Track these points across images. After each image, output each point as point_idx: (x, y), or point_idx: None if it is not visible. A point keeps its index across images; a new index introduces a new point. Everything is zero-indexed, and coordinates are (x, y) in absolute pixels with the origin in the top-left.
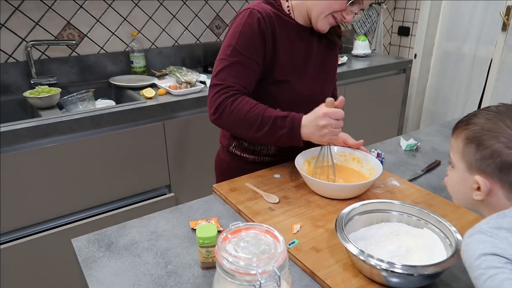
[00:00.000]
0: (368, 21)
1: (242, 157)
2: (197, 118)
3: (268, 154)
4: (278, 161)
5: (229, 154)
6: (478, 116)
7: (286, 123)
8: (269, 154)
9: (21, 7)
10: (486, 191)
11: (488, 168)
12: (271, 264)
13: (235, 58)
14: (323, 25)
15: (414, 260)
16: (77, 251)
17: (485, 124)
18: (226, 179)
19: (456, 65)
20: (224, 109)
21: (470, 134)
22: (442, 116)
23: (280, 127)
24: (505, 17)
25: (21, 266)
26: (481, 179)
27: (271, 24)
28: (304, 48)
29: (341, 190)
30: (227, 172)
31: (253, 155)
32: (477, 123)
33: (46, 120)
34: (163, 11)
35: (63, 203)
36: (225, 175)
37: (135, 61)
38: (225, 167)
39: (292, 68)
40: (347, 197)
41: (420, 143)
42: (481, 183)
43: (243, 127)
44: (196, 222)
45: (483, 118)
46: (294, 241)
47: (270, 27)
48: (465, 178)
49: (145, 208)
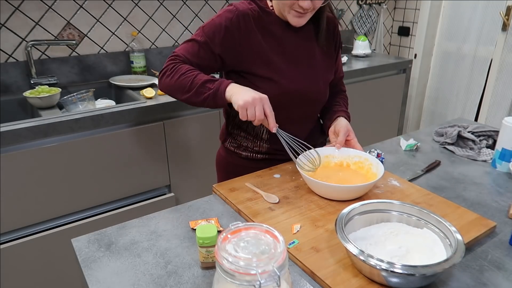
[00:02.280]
0: (368, 21)
1: (236, 153)
2: (197, 118)
3: (260, 152)
4: (270, 159)
5: (226, 150)
6: None
7: (215, 84)
8: (261, 152)
9: (21, 7)
10: None
11: None
12: (271, 264)
13: (197, 37)
14: (293, 20)
15: (414, 260)
16: (77, 251)
17: None
18: (224, 174)
19: (456, 65)
20: (165, 72)
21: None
22: (442, 116)
23: (207, 88)
24: (505, 17)
25: (21, 266)
26: None
27: (248, 24)
28: (291, 45)
29: (341, 191)
30: (225, 168)
31: (245, 152)
32: None
33: (46, 120)
34: (163, 11)
35: (63, 203)
36: (224, 171)
37: (135, 61)
38: (223, 162)
39: (278, 65)
40: (348, 199)
41: (420, 143)
42: None
43: (176, 88)
44: (196, 222)
45: None
46: (294, 241)
47: (247, 26)
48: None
49: (145, 208)
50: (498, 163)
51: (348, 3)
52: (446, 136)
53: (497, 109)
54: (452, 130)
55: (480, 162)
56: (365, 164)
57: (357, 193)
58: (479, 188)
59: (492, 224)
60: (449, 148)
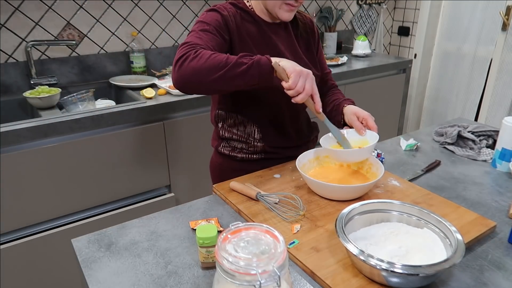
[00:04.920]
0: (368, 21)
1: (231, 156)
2: (197, 118)
3: (255, 152)
4: (267, 159)
5: (220, 155)
6: None
7: (253, 57)
8: (256, 151)
9: (21, 7)
10: None
11: None
12: (271, 264)
13: (202, 27)
14: (284, 15)
15: (414, 260)
16: (77, 251)
17: None
18: (220, 181)
19: (456, 65)
20: (188, 57)
21: None
22: (442, 116)
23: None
24: (505, 17)
25: (21, 266)
26: None
27: (235, 19)
28: (275, 41)
29: (341, 191)
30: (220, 174)
31: (241, 154)
32: None
33: (46, 120)
34: (163, 11)
35: (63, 203)
36: (219, 177)
37: (135, 61)
38: (217, 169)
39: None
40: (348, 199)
41: (420, 143)
42: None
43: (209, 67)
44: (196, 222)
45: None
46: (294, 241)
47: (235, 21)
48: None
49: (145, 208)
50: (498, 163)
51: (348, 3)
52: (446, 136)
53: (497, 109)
54: (452, 130)
55: (480, 162)
56: (365, 164)
57: (357, 193)
58: (479, 188)
59: (492, 224)
60: (449, 148)
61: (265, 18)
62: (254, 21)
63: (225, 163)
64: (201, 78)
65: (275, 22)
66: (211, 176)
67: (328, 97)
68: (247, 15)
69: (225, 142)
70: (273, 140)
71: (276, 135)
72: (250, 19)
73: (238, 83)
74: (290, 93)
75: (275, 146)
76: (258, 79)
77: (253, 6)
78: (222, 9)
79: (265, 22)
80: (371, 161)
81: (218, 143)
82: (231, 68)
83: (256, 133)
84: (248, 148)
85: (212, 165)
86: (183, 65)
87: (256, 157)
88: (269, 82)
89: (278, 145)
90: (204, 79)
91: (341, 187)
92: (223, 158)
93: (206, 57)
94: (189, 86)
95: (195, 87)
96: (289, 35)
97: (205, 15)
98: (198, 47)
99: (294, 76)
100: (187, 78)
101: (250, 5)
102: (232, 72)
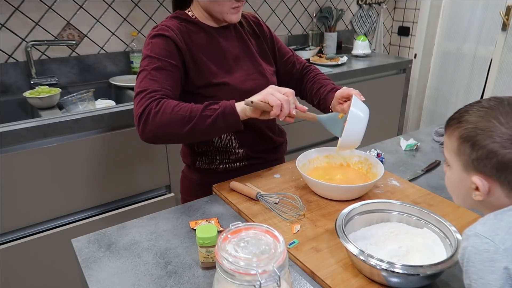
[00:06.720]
0: (368, 21)
1: (212, 169)
2: None
3: (238, 159)
4: (250, 165)
5: (197, 170)
6: (470, 113)
7: (219, 104)
8: (239, 159)
9: (21, 7)
10: (485, 191)
11: (485, 168)
12: (271, 264)
13: (153, 65)
14: (232, 17)
15: (414, 260)
16: (77, 251)
17: (478, 122)
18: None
19: (456, 65)
20: (150, 112)
21: (464, 133)
22: (442, 116)
23: (212, 109)
24: (505, 17)
25: (21, 266)
26: (478, 179)
27: (182, 35)
28: (227, 47)
29: (341, 191)
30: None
31: (222, 164)
32: (470, 121)
33: (46, 120)
34: (163, 11)
35: (63, 203)
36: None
37: (135, 61)
38: (194, 185)
39: (223, 69)
40: (348, 199)
41: (420, 143)
42: (478, 183)
43: (173, 123)
44: (196, 222)
45: (475, 116)
46: (294, 241)
47: (182, 38)
48: (462, 179)
49: (145, 208)
50: None
51: (348, 3)
52: None
53: None
54: None
55: None
56: (365, 164)
57: (357, 193)
58: None
59: None
60: None
61: (211, 23)
62: (201, 30)
63: (203, 178)
64: (168, 133)
65: (222, 25)
66: (182, 193)
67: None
68: (193, 25)
69: (203, 156)
70: (253, 145)
71: (255, 140)
72: (197, 29)
73: (206, 137)
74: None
75: (257, 151)
76: (226, 129)
77: (196, 15)
78: (165, 29)
79: (213, 28)
80: (371, 161)
81: (193, 158)
82: (196, 122)
83: (234, 141)
84: (229, 156)
85: (184, 182)
86: (147, 122)
87: (240, 164)
88: (238, 128)
89: (259, 149)
90: (172, 134)
91: (341, 187)
92: (201, 173)
93: (169, 111)
94: (159, 140)
95: (166, 140)
96: (240, 35)
97: (151, 46)
98: (157, 95)
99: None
100: (154, 134)
101: (193, 15)
102: (199, 127)
